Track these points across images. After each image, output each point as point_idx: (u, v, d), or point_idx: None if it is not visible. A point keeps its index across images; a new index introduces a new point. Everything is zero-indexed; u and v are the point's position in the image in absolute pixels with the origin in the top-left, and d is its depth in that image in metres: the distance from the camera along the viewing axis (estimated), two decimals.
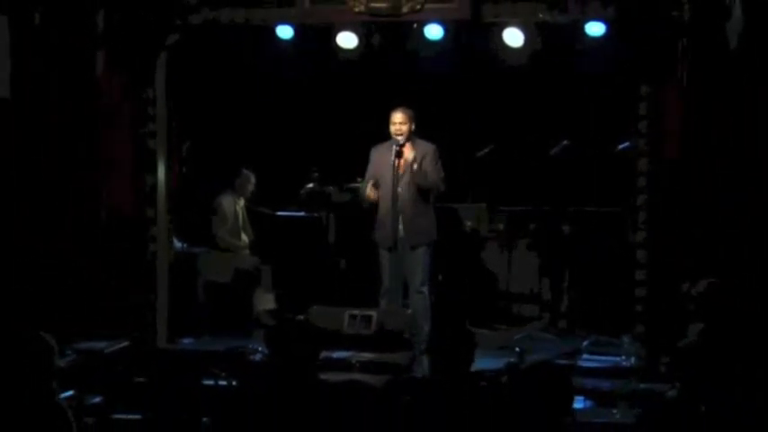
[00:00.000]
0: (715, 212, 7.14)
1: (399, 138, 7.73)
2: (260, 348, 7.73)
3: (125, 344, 7.45)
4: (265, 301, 9.05)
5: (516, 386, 4.36)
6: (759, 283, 6.70)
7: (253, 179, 9.29)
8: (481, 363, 5.97)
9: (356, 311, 7.39)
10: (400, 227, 7.78)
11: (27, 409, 4.18)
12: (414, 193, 7.81)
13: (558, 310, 9.15)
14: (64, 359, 6.35)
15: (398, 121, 7.76)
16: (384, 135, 7.86)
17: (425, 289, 7.90)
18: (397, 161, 7.68)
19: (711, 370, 4.48)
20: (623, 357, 7.32)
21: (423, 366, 7.20)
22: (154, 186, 8.04)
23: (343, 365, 6.95)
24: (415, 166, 7.68)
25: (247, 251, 9.28)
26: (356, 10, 7.68)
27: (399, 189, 7.75)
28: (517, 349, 7.74)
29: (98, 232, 7.94)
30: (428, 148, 7.87)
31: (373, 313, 7.45)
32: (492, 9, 7.62)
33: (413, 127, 7.79)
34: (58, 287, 7.74)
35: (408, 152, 7.78)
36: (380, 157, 7.84)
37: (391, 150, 7.73)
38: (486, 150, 9.23)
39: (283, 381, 4.47)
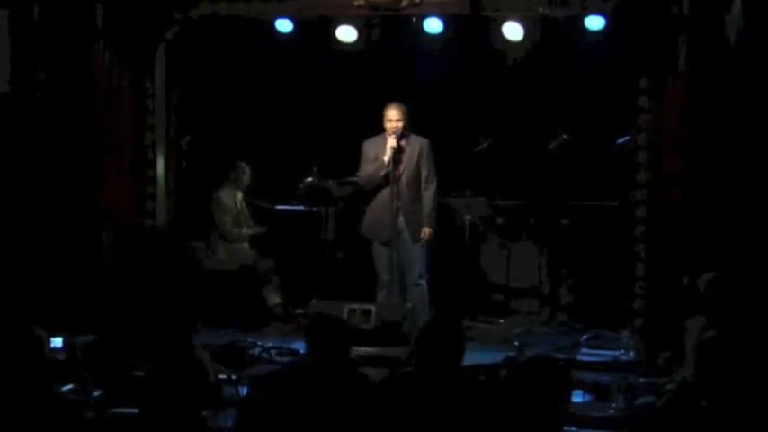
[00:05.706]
0: (715, 206, 7.13)
1: (395, 134, 7.72)
2: (259, 342, 7.76)
3: (125, 337, 7.44)
4: (273, 296, 9.09)
5: (514, 379, 4.35)
6: (759, 276, 6.69)
7: (248, 171, 9.28)
8: (480, 357, 5.97)
9: (355, 305, 7.40)
10: (401, 221, 7.80)
11: (20, 402, 4.17)
12: (413, 189, 7.82)
13: (558, 304, 9.15)
14: (64, 352, 6.34)
15: (395, 118, 7.76)
16: (381, 129, 7.87)
17: (423, 281, 7.92)
18: (395, 157, 7.70)
19: (715, 365, 4.47)
20: (622, 351, 7.32)
21: None
22: (153, 180, 8.04)
23: None
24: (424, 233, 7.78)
25: (247, 244, 9.28)
26: (355, 3, 7.67)
27: (399, 186, 7.76)
28: (516, 343, 7.76)
29: (97, 226, 7.93)
30: (423, 142, 7.88)
31: (372, 307, 7.45)
32: (491, 3, 7.61)
33: (408, 122, 7.79)
34: (57, 281, 7.73)
35: (405, 147, 7.79)
36: (378, 152, 7.83)
37: (387, 145, 7.73)
38: (484, 145, 9.22)
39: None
